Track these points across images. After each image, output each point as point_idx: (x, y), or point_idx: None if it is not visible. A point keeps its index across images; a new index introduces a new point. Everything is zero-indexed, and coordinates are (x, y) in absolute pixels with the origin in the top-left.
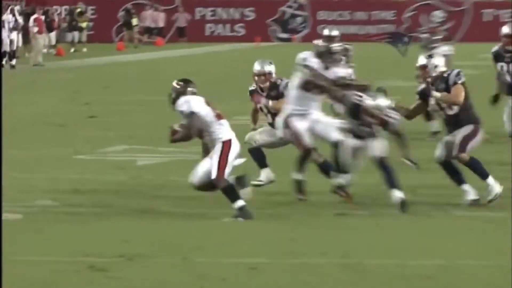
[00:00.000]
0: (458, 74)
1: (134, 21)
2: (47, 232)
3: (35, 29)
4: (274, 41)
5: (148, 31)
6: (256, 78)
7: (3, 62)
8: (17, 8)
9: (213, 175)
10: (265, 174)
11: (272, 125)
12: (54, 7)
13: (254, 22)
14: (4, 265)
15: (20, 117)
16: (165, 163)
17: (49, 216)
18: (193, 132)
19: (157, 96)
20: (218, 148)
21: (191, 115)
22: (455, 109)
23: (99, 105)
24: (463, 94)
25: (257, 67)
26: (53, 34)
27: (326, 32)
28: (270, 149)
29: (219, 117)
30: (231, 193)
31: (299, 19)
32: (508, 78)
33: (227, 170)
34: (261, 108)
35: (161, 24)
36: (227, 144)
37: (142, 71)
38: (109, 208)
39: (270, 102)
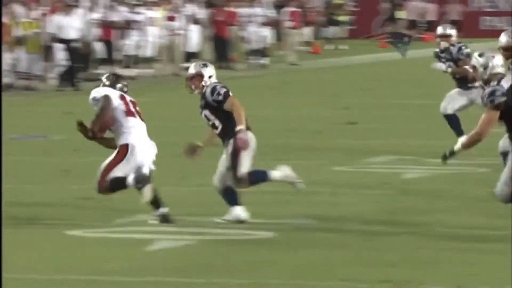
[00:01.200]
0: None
1: (400, 14)
2: (301, 252)
3: (289, 24)
4: None
5: (415, 25)
6: (188, 82)
7: (253, 61)
8: (267, 0)
9: (95, 187)
10: (235, 212)
11: (219, 137)
12: None
13: None
14: None
15: (270, 122)
16: (435, 176)
17: (304, 234)
18: (108, 109)
19: (426, 100)
20: (113, 153)
21: (106, 96)
22: None
23: (359, 110)
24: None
25: (190, 69)
26: (308, 30)
27: (440, 30)
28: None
29: (130, 113)
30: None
31: None
32: None
33: (111, 175)
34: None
35: (430, 17)
36: (122, 150)
37: (409, 71)
38: (371, 227)
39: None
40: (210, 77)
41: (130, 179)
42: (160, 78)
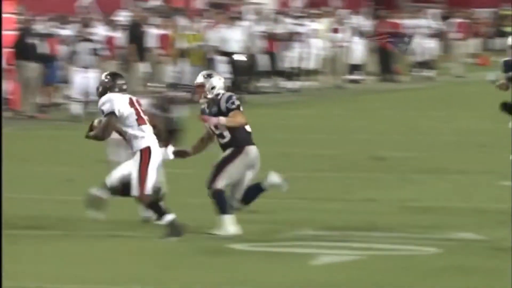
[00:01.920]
0: None
1: None
2: (468, 269)
3: (456, 35)
4: None
5: None
6: (196, 90)
7: (418, 73)
8: (433, 11)
9: (135, 192)
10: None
11: (223, 148)
12: (478, 9)
13: None
14: None
15: (434, 135)
16: None
17: (470, 250)
18: (109, 131)
19: None
20: (136, 159)
21: (111, 114)
22: None
23: None
24: None
25: (197, 78)
26: (476, 41)
27: (510, 42)
28: None
29: (141, 121)
30: (157, 208)
31: None
32: None
33: (149, 183)
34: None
35: None
36: (145, 153)
37: None
38: None
39: (223, 119)
40: (212, 88)
41: None
42: (323, 91)
